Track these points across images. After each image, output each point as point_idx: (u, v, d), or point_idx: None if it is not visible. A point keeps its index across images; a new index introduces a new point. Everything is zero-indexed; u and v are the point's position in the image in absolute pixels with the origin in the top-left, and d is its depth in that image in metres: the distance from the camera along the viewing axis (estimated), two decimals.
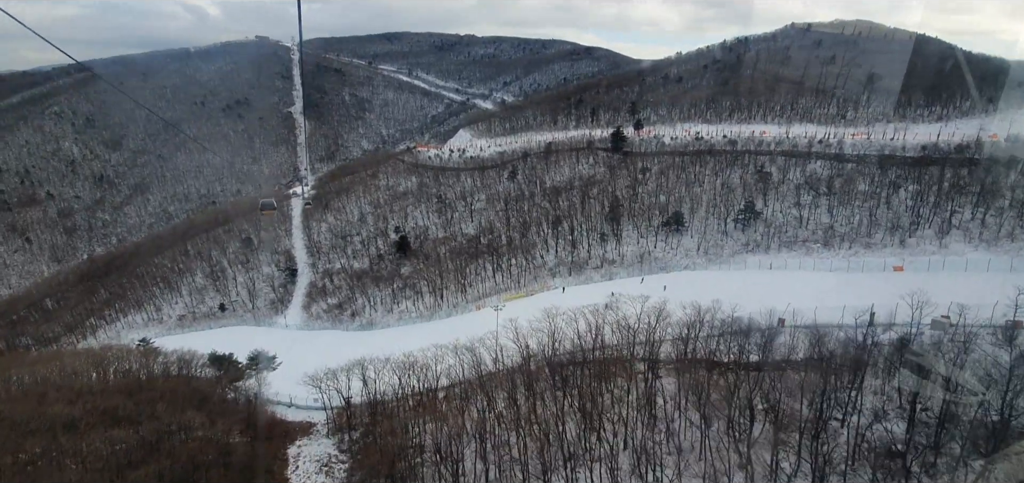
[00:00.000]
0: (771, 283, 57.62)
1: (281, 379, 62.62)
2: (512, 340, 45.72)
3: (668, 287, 58.87)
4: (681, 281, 62.63)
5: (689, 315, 41.49)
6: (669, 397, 37.29)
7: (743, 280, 60.05)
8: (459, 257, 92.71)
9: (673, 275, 67.36)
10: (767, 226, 72.56)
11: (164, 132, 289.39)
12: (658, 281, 64.44)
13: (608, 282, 70.14)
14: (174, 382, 54.55)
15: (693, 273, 67.18)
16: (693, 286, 57.61)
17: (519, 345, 45.33)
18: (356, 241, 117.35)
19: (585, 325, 44.85)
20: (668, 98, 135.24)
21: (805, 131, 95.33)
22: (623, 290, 62.67)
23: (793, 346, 36.92)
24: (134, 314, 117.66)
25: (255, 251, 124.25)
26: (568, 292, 70.01)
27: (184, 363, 64.58)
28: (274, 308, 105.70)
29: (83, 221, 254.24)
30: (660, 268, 70.79)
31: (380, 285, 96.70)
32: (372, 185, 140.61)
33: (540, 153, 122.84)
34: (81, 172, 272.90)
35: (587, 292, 68.36)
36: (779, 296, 49.01)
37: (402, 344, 67.94)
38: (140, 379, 57.40)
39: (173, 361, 67.76)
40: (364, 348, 71.78)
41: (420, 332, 72.96)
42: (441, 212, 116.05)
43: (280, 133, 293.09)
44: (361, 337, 79.19)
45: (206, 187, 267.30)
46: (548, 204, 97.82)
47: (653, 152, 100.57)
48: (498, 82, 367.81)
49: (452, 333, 66.14)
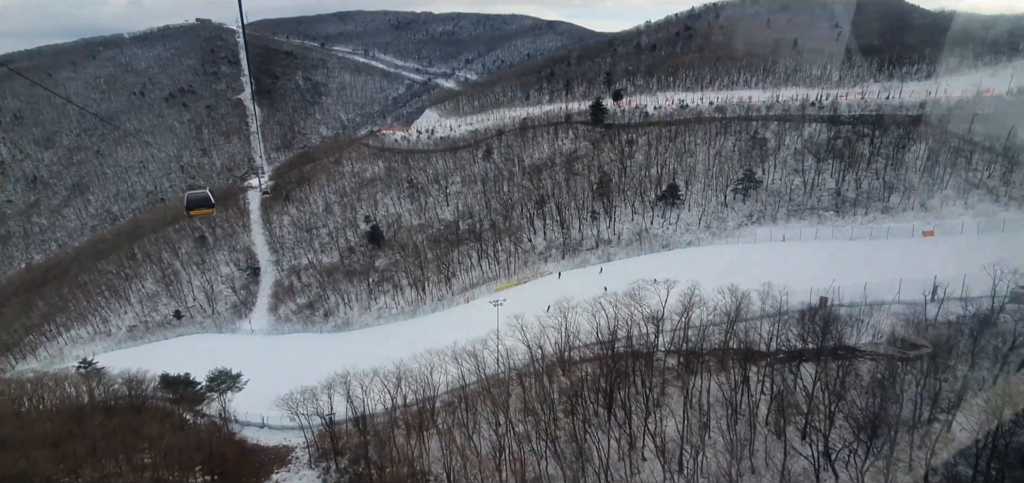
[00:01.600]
0: (790, 256, 53.31)
1: (250, 396, 55.51)
2: (520, 340, 39.94)
3: (678, 264, 54.02)
4: (690, 259, 58.01)
5: (723, 300, 36.53)
6: (715, 399, 32.49)
7: (758, 254, 55.66)
8: (438, 245, 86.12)
9: (678, 253, 62.77)
10: (770, 195, 68.71)
11: (102, 126, 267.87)
12: (661, 260, 59.81)
13: (606, 263, 65.19)
14: (121, 413, 46.68)
15: (699, 249, 62.63)
16: (704, 263, 53.17)
17: (531, 346, 39.66)
18: (323, 233, 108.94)
19: (603, 317, 39.41)
20: (644, 68, 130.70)
21: (795, 94, 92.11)
22: (623, 271, 57.81)
23: (853, 328, 32.49)
24: (78, 328, 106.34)
25: (211, 250, 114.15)
26: (565, 277, 64.70)
27: (134, 386, 56.49)
28: (237, 312, 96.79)
29: (17, 227, 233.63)
30: (661, 245, 66.13)
31: (354, 280, 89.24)
32: (336, 172, 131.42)
33: (515, 130, 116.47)
34: (11, 174, 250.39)
35: (585, 276, 63.18)
36: (805, 270, 45.04)
37: (385, 346, 61.51)
38: (79, 410, 49.23)
39: (119, 385, 59.54)
40: (342, 353, 64.86)
41: (404, 331, 66.47)
42: (413, 198, 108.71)
43: (231, 122, 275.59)
44: (337, 340, 72.11)
45: (153, 184, 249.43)
46: (529, 183, 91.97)
47: (637, 123, 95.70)
48: (460, 60, 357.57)
49: (441, 331, 60.12)
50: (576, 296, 44.68)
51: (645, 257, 63.91)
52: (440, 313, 68.21)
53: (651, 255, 64.13)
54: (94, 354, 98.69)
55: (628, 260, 64.74)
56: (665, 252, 64.26)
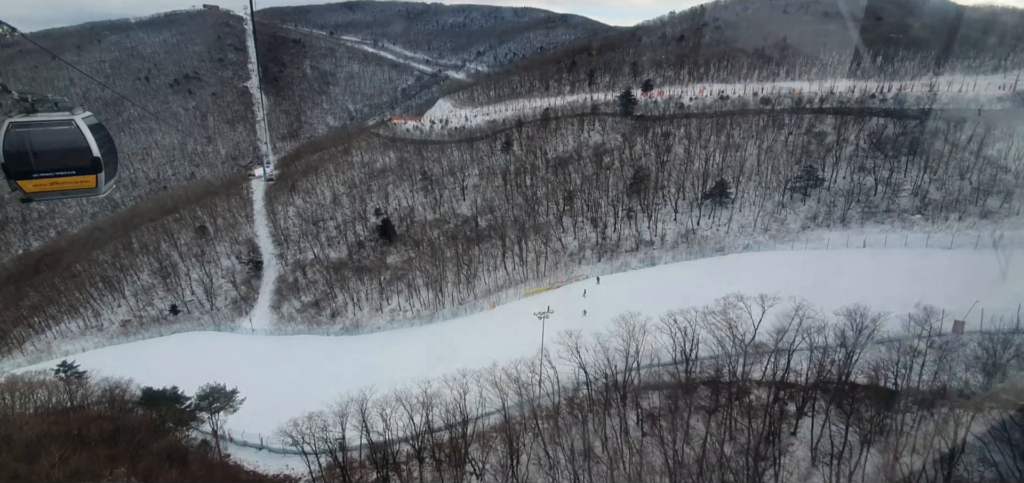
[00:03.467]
0: (885, 267, 45.48)
1: (249, 407, 48.73)
2: (576, 362, 32.77)
3: (743, 272, 46.65)
4: (754, 265, 50.64)
5: (838, 320, 29.30)
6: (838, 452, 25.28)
7: (839, 263, 48.25)
8: (457, 242, 79.01)
9: (734, 258, 55.44)
10: (835, 195, 61.16)
11: (105, 111, 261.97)
12: (718, 266, 52.59)
13: (650, 268, 57.97)
14: (93, 442, 39.69)
15: (760, 255, 55.16)
16: (774, 272, 45.74)
17: (586, 369, 32.49)
18: (330, 226, 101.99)
19: (679, 335, 32.18)
20: (673, 58, 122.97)
21: (851, 86, 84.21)
22: (678, 277, 50.51)
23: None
24: (69, 321, 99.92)
25: (211, 241, 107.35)
26: (604, 282, 57.50)
27: (115, 399, 49.72)
28: (237, 309, 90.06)
29: (16, 213, 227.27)
30: (714, 248, 58.79)
31: (363, 278, 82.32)
32: (344, 162, 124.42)
33: (537, 121, 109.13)
34: None
35: (630, 281, 55.85)
36: (909, 286, 37.75)
37: (402, 355, 54.55)
38: (51, 426, 42.39)
39: (98, 394, 52.79)
40: (353, 361, 58.01)
41: (422, 338, 59.33)
42: (427, 190, 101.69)
43: (236, 110, 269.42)
44: (346, 345, 65.18)
45: (156, 171, 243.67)
46: (555, 177, 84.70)
47: (672, 115, 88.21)
48: (470, 52, 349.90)
49: (464, 339, 53.17)
50: (617, 303, 37.57)
51: (697, 262, 56.66)
52: (462, 319, 61.05)
53: (703, 260, 56.77)
54: (83, 350, 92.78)
55: (676, 265, 57.46)
56: (719, 257, 56.90)
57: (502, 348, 38.83)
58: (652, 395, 32.09)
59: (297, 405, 49.26)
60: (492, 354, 37.73)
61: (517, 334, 44.28)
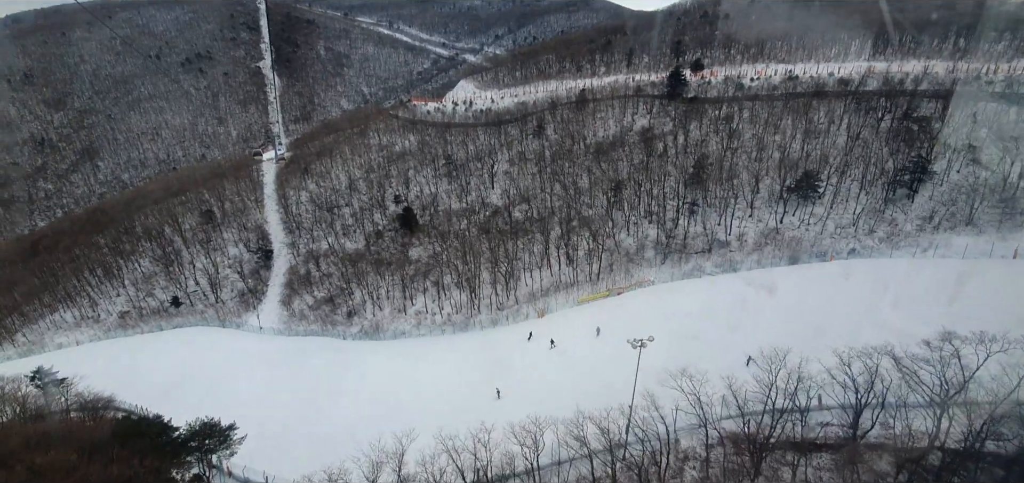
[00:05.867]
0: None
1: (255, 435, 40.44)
2: (691, 407, 23.77)
3: (849, 282, 37.02)
4: (875, 276, 41.08)
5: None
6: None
7: (1000, 278, 38.23)
8: (489, 236, 70.04)
9: (842, 265, 45.62)
10: (955, 191, 51.07)
11: (114, 89, 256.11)
12: (818, 273, 43.00)
13: (730, 274, 48.56)
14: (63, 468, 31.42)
15: (876, 263, 44.89)
16: (913, 287, 36.32)
17: (705, 419, 23.49)
18: (346, 214, 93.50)
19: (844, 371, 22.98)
20: (721, 36, 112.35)
21: (950, 66, 73.09)
22: (780, 285, 40.91)
23: None
24: (64, 310, 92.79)
25: (218, 227, 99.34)
26: (676, 287, 48.13)
27: (94, 416, 41.76)
28: (244, 302, 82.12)
29: (22, 192, 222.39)
30: (811, 253, 49.09)
31: (383, 272, 73.82)
32: (361, 145, 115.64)
33: (572, 103, 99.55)
34: (19, 135, 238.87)
35: (698, 289, 46.41)
36: None
37: (437, 373, 45.84)
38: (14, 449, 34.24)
39: (78, 407, 44.86)
40: (376, 374, 49.45)
41: (456, 349, 50.56)
42: (452, 176, 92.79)
43: (248, 91, 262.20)
44: (367, 352, 56.54)
45: (165, 152, 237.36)
46: (599, 166, 75.23)
47: (731, 97, 78.05)
48: (488, 36, 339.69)
49: (513, 356, 44.22)
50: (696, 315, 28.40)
51: (794, 269, 46.71)
52: (504, 329, 51.85)
53: (801, 267, 46.68)
54: (77, 343, 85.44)
55: (766, 271, 47.37)
56: (820, 264, 47.00)
57: (565, 374, 30.01)
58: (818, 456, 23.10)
59: (312, 429, 40.85)
60: (555, 384, 28.90)
61: (579, 353, 35.34)
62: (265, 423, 43.38)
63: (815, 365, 26.03)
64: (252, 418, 44.01)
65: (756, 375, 25.89)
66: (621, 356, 32.14)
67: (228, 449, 31.34)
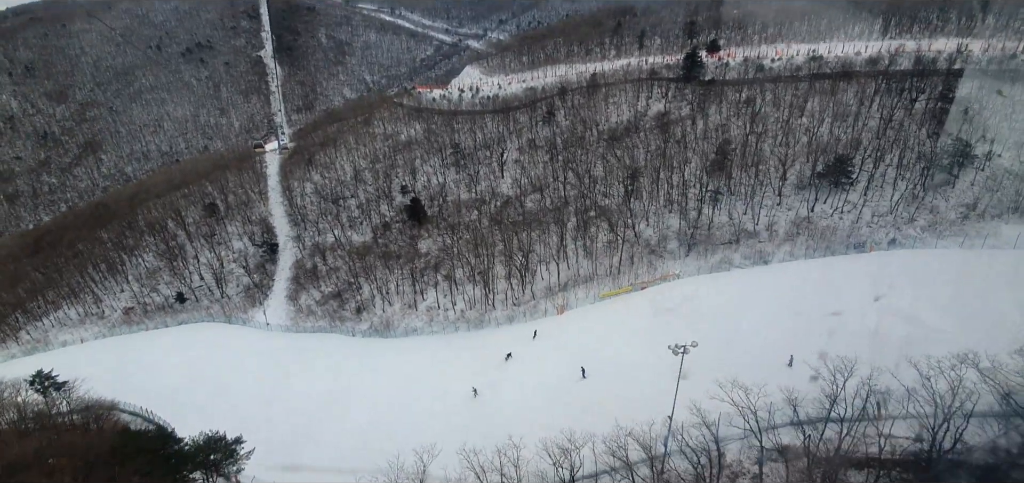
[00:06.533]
0: None
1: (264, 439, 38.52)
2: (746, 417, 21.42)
3: (896, 275, 33.98)
4: (925, 270, 38.06)
5: None
6: None
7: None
8: (501, 227, 67.57)
9: (883, 257, 42.52)
10: (1001, 176, 47.96)
11: (116, 81, 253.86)
12: (860, 265, 40.16)
13: (761, 267, 45.96)
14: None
15: (921, 254, 41.30)
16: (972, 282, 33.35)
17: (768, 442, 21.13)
18: (352, 206, 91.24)
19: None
20: (737, 16, 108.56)
21: (986, 45, 69.26)
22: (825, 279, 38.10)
23: None
24: (68, 307, 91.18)
25: (222, 220, 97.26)
26: (704, 280, 45.46)
27: (97, 423, 39.84)
28: (250, 298, 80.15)
29: (26, 186, 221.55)
30: (848, 244, 46.24)
31: (391, 266, 71.63)
32: (365, 134, 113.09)
33: (583, 88, 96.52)
34: (21, 129, 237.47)
35: (742, 283, 43.51)
36: None
37: (452, 372, 43.68)
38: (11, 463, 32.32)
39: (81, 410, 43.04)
40: (389, 375, 47.33)
41: (471, 347, 48.37)
42: (460, 166, 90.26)
43: (250, 80, 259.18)
44: (378, 350, 54.43)
45: (168, 144, 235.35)
46: (614, 154, 72.40)
47: (751, 79, 74.86)
48: (491, 20, 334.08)
49: (536, 359, 41.91)
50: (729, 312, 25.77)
51: (834, 261, 43.56)
52: (521, 326, 49.43)
53: (839, 259, 43.58)
54: (82, 340, 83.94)
55: (802, 263, 44.35)
56: (858, 255, 43.99)
57: (599, 378, 27.51)
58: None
59: (324, 436, 38.86)
60: (589, 390, 26.43)
61: (607, 353, 32.96)
62: (274, 430, 41.49)
63: (883, 375, 23.56)
64: (261, 424, 42.17)
65: (821, 384, 23.46)
66: (654, 358, 29.80)
67: (235, 464, 29.32)
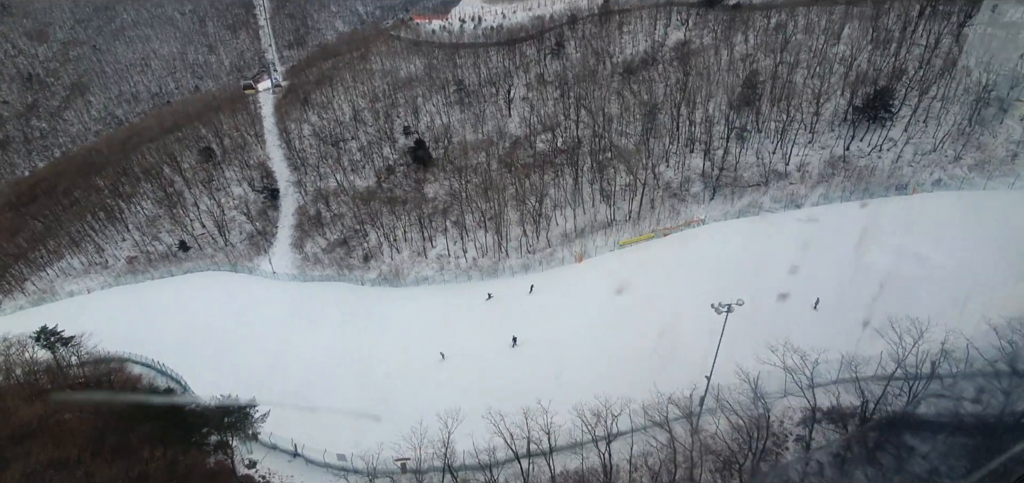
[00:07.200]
0: None
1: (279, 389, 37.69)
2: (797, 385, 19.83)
3: (943, 220, 31.53)
4: (971, 212, 35.59)
5: None
6: None
7: None
8: (511, 170, 64.70)
9: (926, 199, 39.66)
10: None
11: (96, 17, 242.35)
12: (902, 208, 37.71)
13: (794, 210, 43.50)
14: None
15: (968, 195, 38.87)
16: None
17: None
18: (353, 148, 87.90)
19: None
20: None
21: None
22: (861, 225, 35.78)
23: None
24: (70, 257, 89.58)
25: (219, 165, 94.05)
26: (731, 226, 43.18)
27: (109, 384, 38.69)
28: (254, 245, 78.34)
29: (17, 131, 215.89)
30: (886, 185, 43.43)
31: (398, 211, 69.29)
32: (362, 71, 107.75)
33: (595, 16, 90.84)
34: (5, 72, 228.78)
35: (771, 229, 41.12)
36: None
37: (468, 326, 42.31)
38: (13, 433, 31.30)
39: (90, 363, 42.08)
40: (401, 325, 46.08)
41: (494, 299, 46.52)
42: (464, 104, 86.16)
43: (237, 14, 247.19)
44: (389, 300, 52.99)
45: (157, 84, 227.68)
46: (630, 90, 68.38)
47: (781, 2, 69.61)
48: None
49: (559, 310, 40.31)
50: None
51: (871, 204, 40.89)
52: (537, 275, 47.60)
53: (878, 200, 40.77)
54: (88, 291, 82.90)
55: (835, 207, 41.50)
56: (901, 198, 41.03)
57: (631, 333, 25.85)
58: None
59: (341, 392, 37.84)
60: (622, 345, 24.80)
61: (637, 307, 31.22)
62: (288, 383, 40.55)
63: (937, 330, 21.77)
64: (275, 377, 41.22)
65: (876, 343, 21.79)
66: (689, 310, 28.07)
67: (250, 429, 28.19)
